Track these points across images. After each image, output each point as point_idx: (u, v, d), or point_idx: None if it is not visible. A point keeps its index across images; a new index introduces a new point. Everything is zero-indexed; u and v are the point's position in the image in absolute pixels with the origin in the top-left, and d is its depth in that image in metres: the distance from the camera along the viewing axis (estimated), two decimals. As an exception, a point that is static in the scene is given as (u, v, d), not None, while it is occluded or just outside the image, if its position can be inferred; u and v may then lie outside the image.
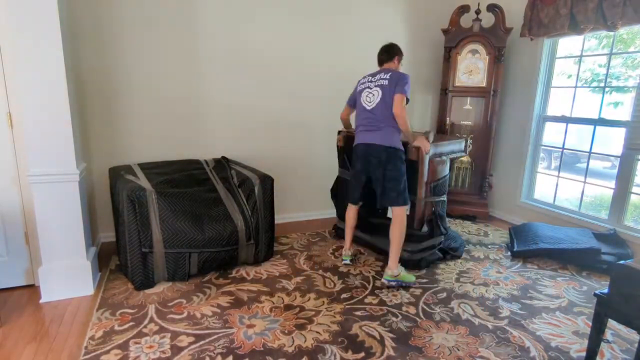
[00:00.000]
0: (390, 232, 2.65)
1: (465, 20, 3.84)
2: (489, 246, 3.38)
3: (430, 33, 4.11)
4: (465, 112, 4.01)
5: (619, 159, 3.25)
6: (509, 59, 3.94)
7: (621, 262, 1.58)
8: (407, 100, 2.57)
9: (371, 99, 2.64)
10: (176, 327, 2.08)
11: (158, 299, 2.36)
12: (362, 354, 1.92)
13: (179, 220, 2.45)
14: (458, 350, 1.98)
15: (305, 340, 2.00)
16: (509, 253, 3.22)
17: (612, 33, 3.16)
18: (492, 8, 3.70)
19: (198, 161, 3.12)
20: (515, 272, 2.89)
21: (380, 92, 2.61)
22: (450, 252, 3.07)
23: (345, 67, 3.79)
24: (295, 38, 3.56)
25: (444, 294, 2.53)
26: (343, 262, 2.94)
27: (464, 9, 3.80)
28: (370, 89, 2.67)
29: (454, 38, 3.84)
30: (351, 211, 2.94)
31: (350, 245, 3.00)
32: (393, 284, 2.58)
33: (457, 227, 3.81)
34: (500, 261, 3.08)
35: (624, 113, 4.43)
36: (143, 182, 2.50)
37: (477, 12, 3.75)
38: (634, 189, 3.22)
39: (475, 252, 3.25)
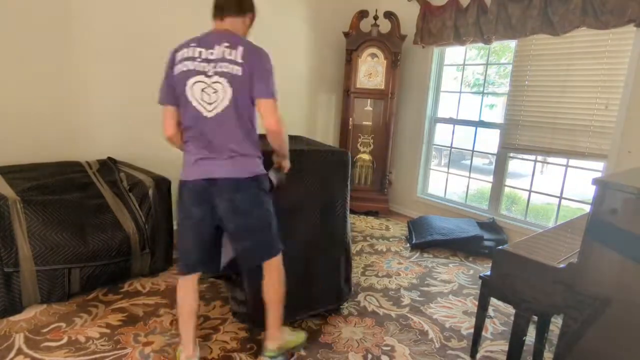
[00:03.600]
0: (266, 293, 1.77)
1: (365, 25, 4.02)
2: (391, 239, 3.58)
3: (334, 34, 4.22)
4: (366, 113, 4.20)
5: (495, 156, 3.71)
6: (404, 64, 4.23)
7: (499, 247, 1.78)
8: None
9: (212, 97, 1.52)
10: (53, 357, 1.78)
11: (28, 326, 1.99)
12: (272, 359, 1.86)
13: (55, 232, 2.11)
14: (365, 342, 2.04)
15: (211, 352, 1.88)
16: (408, 245, 3.44)
17: (487, 45, 3.59)
18: (388, 15, 3.93)
19: (78, 163, 2.72)
20: (414, 262, 3.10)
21: (227, 87, 1.50)
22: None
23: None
24: (190, 34, 3.32)
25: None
26: None
27: (364, 14, 3.97)
28: (207, 75, 1.51)
29: (355, 41, 3.99)
30: (187, 286, 1.70)
31: (194, 345, 1.73)
32: (280, 359, 1.80)
33: (362, 222, 3.97)
34: (400, 253, 3.28)
35: (498, 116, 5.08)
36: (3, 188, 2.09)
37: (375, 17, 3.95)
38: (507, 182, 3.71)
39: (379, 245, 3.41)
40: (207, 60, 1.52)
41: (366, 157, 4.25)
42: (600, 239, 1.35)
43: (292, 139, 2.45)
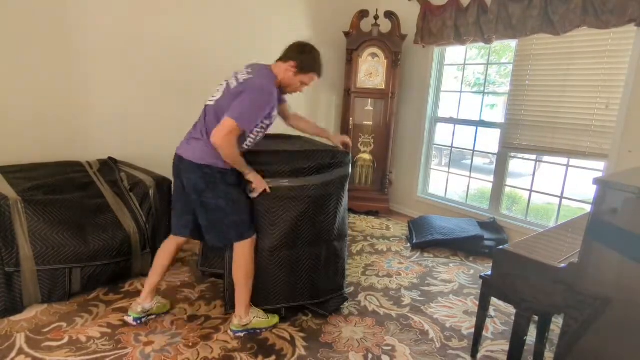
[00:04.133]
0: (232, 273, 2.03)
1: (366, 25, 4.02)
2: (391, 239, 3.58)
3: (335, 34, 4.21)
4: (367, 112, 4.20)
5: (495, 156, 3.70)
6: (405, 64, 4.23)
7: (500, 247, 1.78)
8: (243, 131, 1.82)
9: (216, 93, 1.96)
10: (54, 356, 1.78)
11: (29, 326, 1.99)
12: (273, 357, 1.86)
13: (55, 232, 2.11)
14: (366, 341, 2.04)
15: (212, 351, 1.88)
16: (409, 244, 3.44)
17: (488, 45, 3.58)
18: (389, 15, 3.93)
19: (79, 163, 2.72)
20: (415, 262, 3.10)
21: (222, 90, 1.93)
22: None
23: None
24: (190, 34, 3.33)
25: (352, 288, 2.59)
26: (125, 317, 2.07)
27: (364, 13, 3.97)
28: (227, 81, 1.97)
29: (355, 41, 3.98)
30: (171, 244, 2.10)
31: (149, 294, 2.07)
32: (241, 335, 2.02)
33: (362, 222, 3.97)
34: (401, 252, 3.28)
35: (499, 115, 5.07)
36: (4, 188, 2.09)
37: (376, 17, 3.94)
38: (508, 182, 3.71)
39: (379, 245, 3.41)
40: (236, 72, 1.99)
41: (367, 156, 4.25)
42: (601, 238, 1.35)
43: (293, 139, 2.46)
